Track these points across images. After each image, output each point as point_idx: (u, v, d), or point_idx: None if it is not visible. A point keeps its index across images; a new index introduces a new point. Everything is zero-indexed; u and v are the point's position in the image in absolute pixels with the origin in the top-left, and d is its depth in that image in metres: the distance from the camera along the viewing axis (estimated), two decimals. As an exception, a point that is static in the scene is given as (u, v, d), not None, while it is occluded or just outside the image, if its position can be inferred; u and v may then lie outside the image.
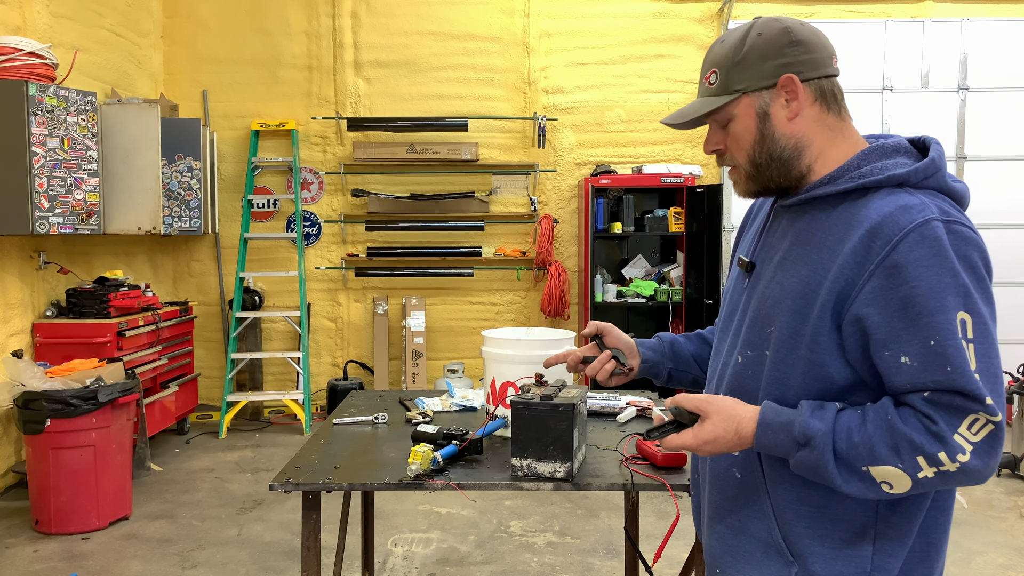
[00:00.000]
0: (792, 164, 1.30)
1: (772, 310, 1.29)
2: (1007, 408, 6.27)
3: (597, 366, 1.70)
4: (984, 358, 1.14)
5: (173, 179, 5.89)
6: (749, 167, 1.33)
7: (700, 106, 1.33)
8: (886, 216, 1.17)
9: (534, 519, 4.30)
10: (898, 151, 1.28)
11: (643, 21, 6.66)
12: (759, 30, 1.29)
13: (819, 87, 1.30)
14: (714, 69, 1.32)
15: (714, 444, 1.27)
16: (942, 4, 6.68)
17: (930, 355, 1.13)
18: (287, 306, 6.65)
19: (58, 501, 4.01)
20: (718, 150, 1.36)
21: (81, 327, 4.90)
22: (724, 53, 1.31)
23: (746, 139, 1.31)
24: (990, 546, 3.95)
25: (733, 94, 1.29)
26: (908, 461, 1.15)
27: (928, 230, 1.15)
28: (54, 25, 5.17)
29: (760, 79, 1.28)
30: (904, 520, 1.25)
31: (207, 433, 6.03)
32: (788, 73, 1.27)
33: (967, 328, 1.14)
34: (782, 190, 1.34)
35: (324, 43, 6.60)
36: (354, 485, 1.85)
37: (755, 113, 1.29)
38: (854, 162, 1.27)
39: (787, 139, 1.29)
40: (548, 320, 6.66)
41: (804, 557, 1.28)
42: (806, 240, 1.27)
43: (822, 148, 1.30)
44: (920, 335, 1.14)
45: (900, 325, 1.15)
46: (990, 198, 6.71)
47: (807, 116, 1.29)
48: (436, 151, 6.51)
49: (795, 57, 1.27)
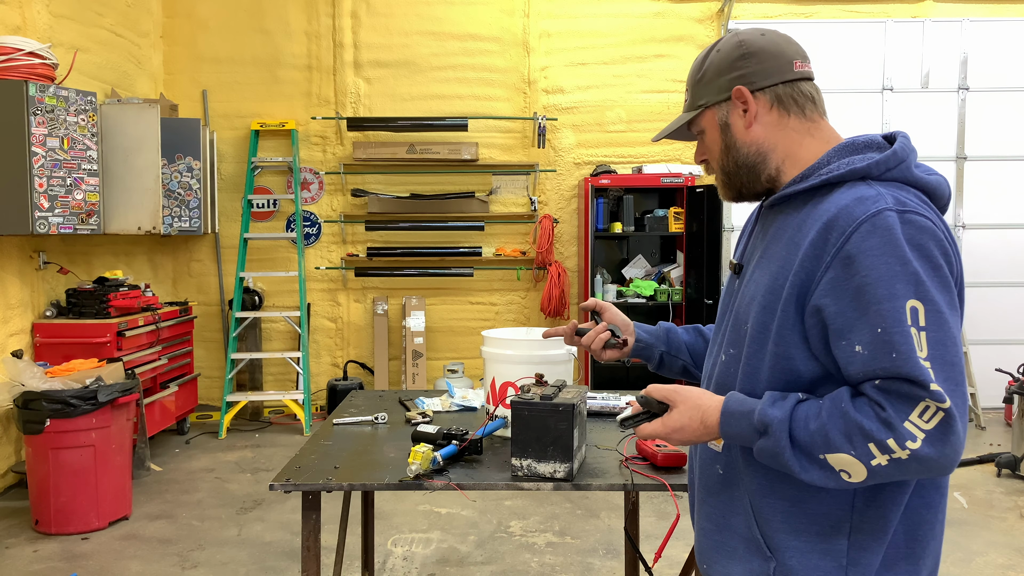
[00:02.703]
0: (758, 169, 1.36)
1: (747, 308, 1.33)
2: (1007, 408, 6.27)
3: (592, 336, 1.75)
4: (937, 346, 1.14)
5: (173, 179, 5.89)
6: (721, 175, 1.41)
7: (675, 121, 1.45)
8: (842, 208, 1.20)
9: (534, 519, 4.30)
10: (869, 147, 1.30)
11: (643, 21, 6.66)
12: (719, 47, 1.38)
13: (775, 94, 1.34)
14: (687, 87, 1.43)
15: (681, 433, 1.32)
16: (942, 4, 6.68)
17: (878, 342, 1.14)
18: (287, 306, 6.65)
19: (58, 501, 4.01)
20: (704, 160, 1.45)
21: (81, 327, 4.90)
22: (692, 72, 1.42)
23: (714, 150, 1.40)
24: (990, 546, 3.95)
25: (697, 109, 1.39)
26: (860, 448, 1.15)
27: (880, 220, 1.17)
28: (54, 25, 5.17)
29: (717, 93, 1.36)
30: (880, 515, 1.25)
31: (207, 433, 6.03)
32: (738, 85, 1.34)
33: (918, 316, 1.14)
34: (757, 194, 1.40)
35: (324, 43, 6.60)
36: (354, 485, 1.85)
37: (717, 125, 1.37)
38: (824, 160, 1.30)
39: (747, 146, 1.36)
40: (548, 320, 6.66)
41: (781, 551, 1.29)
42: (779, 238, 1.31)
43: (788, 150, 1.35)
44: (870, 323, 1.15)
45: (853, 315, 1.17)
46: (990, 198, 6.71)
47: (765, 123, 1.34)
48: (436, 151, 6.51)
49: (746, 69, 1.34)
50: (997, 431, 6.10)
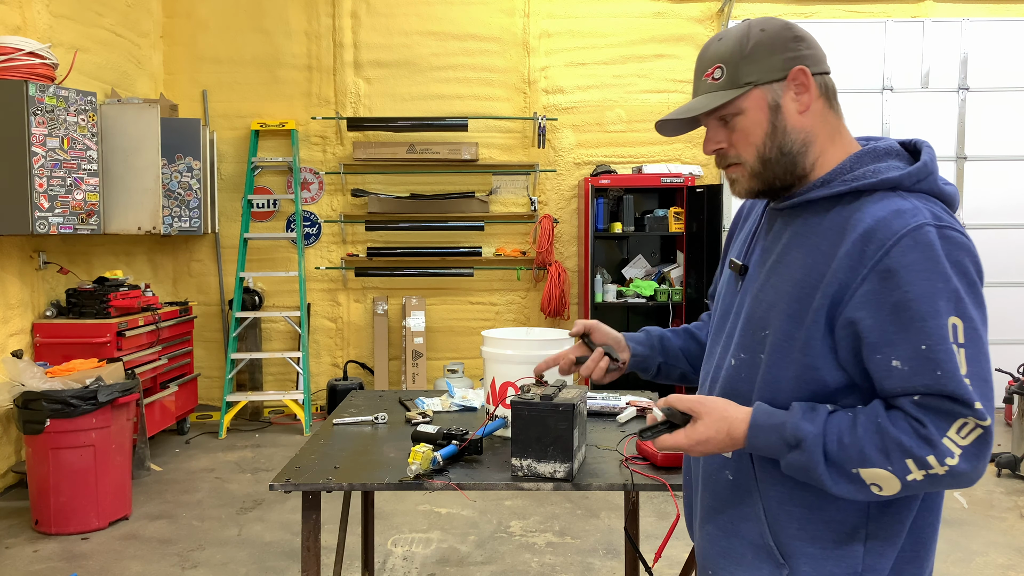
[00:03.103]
0: (799, 159, 1.30)
1: (767, 314, 1.29)
2: (1007, 408, 6.28)
3: (591, 365, 1.68)
4: (975, 363, 1.15)
5: (173, 179, 5.89)
6: (756, 163, 1.31)
7: (708, 101, 1.29)
8: (880, 220, 1.18)
9: (534, 519, 4.30)
10: (890, 154, 1.29)
11: (643, 21, 6.66)
12: (761, 26, 1.29)
13: (824, 82, 1.30)
14: (719, 64, 1.29)
15: (706, 445, 1.28)
16: (942, 4, 6.68)
17: (921, 359, 1.14)
18: (287, 306, 6.65)
19: (58, 501, 4.01)
20: (719, 149, 1.34)
21: (81, 327, 4.90)
22: (729, 48, 1.29)
23: (756, 133, 1.29)
24: (990, 546, 3.95)
25: (744, 87, 1.27)
26: (897, 464, 1.15)
27: (921, 235, 1.16)
28: (54, 25, 5.17)
29: (771, 72, 1.27)
30: (895, 520, 1.26)
31: (207, 433, 6.03)
32: (799, 65, 1.27)
33: (958, 333, 1.14)
34: (784, 188, 1.33)
35: (324, 43, 6.60)
36: (354, 485, 1.85)
37: (767, 106, 1.28)
38: (847, 165, 1.28)
39: (797, 132, 1.28)
40: (548, 320, 6.66)
41: (794, 558, 1.28)
42: (800, 244, 1.28)
43: (824, 145, 1.30)
44: (912, 339, 1.15)
45: (892, 329, 1.16)
46: (990, 198, 6.71)
47: (815, 110, 1.29)
48: (436, 151, 6.51)
49: (802, 51, 1.28)
50: (997, 431, 6.09)
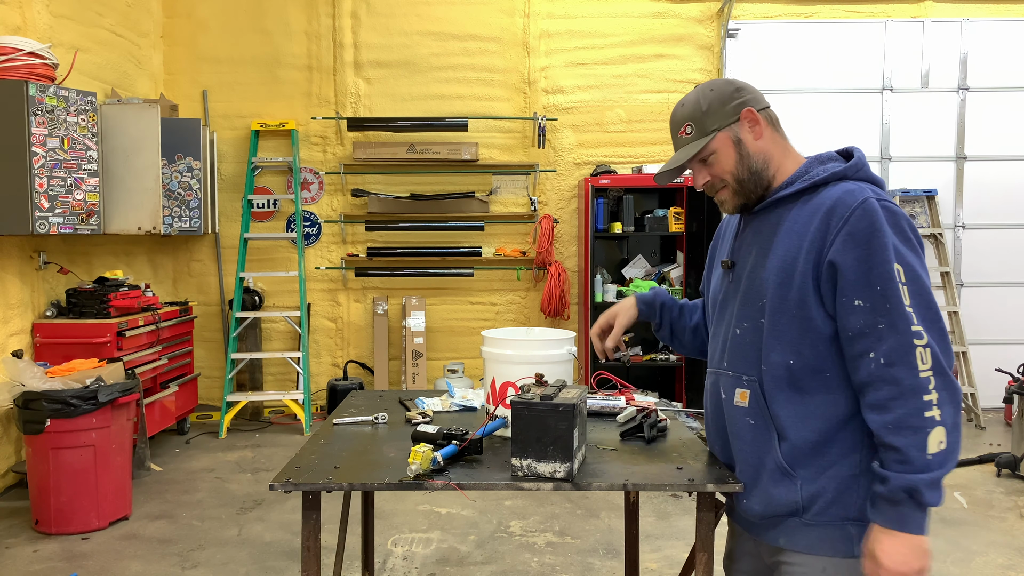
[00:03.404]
0: (764, 174, 1.71)
1: (761, 286, 1.68)
2: (1007, 408, 6.28)
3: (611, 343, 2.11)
4: (916, 296, 1.53)
5: (173, 179, 5.89)
6: (735, 183, 1.72)
7: (688, 151, 1.72)
8: (837, 200, 1.60)
9: (534, 519, 4.30)
10: (831, 158, 1.72)
11: (643, 21, 6.66)
12: (710, 87, 1.72)
13: (768, 114, 1.73)
14: (688, 123, 1.73)
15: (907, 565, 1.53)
16: (942, 4, 6.68)
17: (877, 296, 1.53)
18: (287, 306, 6.65)
19: (58, 501, 4.01)
20: (708, 182, 1.75)
21: (81, 327, 4.90)
22: (691, 110, 1.72)
23: (729, 163, 1.71)
24: (990, 546, 3.95)
25: (711, 134, 1.70)
26: (928, 421, 1.49)
27: (868, 205, 1.56)
28: (54, 25, 5.17)
29: (727, 117, 1.70)
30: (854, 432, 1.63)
31: (207, 433, 6.03)
32: (747, 107, 1.69)
33: (901, 275, 1.53)
34: (759, 199, 1.72)
35: (324, 43, 6.60)
36: (354, 485, 1.84)
37: (732, 142, 1.70)
38: (802, 170, 1.71)
39: (758, 154, 1.71)
40: (548, 320, 6.66)
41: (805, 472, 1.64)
42: (778, 230, 1.68)
43: (780, 160, 1.72)
44: (871, 282, 1.53)
45: (854, 276, 1.54)
46: (990, 198, 6.71)
47: (766, 136, 1.71)
48: (436, 151, 6.51)
49: (745, 97, 1.71)
50: (997, 431, 6.10)
